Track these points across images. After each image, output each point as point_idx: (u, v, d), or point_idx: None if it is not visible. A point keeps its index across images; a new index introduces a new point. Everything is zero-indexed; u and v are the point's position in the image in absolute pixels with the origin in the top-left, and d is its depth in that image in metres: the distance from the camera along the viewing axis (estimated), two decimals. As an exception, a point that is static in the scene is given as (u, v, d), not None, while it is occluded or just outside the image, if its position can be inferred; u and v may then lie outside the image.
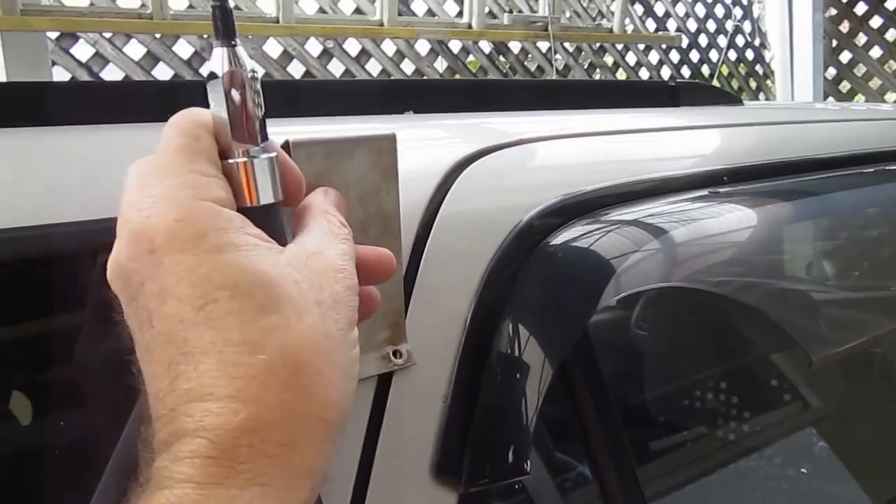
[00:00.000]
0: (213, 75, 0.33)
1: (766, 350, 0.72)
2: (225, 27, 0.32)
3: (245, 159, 0.33)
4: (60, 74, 2.45)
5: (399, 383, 0.47)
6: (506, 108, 0.73)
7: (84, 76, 2.54)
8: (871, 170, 0.75)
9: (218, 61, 0.32)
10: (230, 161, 0.33)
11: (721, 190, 0.65)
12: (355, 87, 0.38)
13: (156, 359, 0.29)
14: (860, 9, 4.42)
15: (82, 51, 2.56)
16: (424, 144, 0.61)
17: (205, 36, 2.56)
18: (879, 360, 0.96)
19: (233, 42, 0.32)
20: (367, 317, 0.37)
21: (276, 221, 0.34)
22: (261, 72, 0.34)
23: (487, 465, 0.47)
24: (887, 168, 0.76)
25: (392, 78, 2.60)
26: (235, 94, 0.32)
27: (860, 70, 4.46)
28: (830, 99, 4.51)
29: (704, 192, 0.65)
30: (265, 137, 0.34)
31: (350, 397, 0.32)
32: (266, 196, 0.33)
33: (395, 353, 0.45)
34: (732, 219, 0.63)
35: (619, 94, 0.84)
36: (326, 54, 3.08)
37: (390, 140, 0.44)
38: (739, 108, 0.89)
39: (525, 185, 0.59)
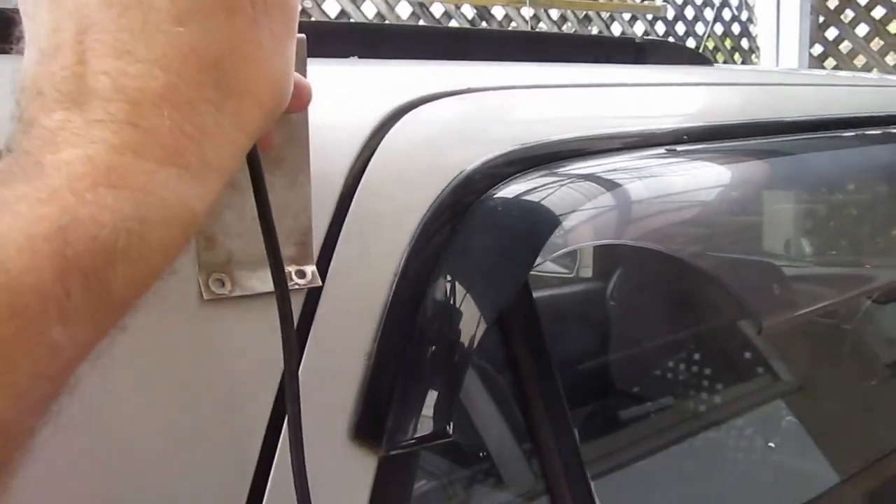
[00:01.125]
0: None
1: (717, 316, 0.70)
2: None
3: None
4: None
5: (319, 336, 0.44)
6: (462, 58, 0.70)
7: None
8: (834, 135, 0.72)
9: None
10: None
11: (678, 149, 0.62)
12: (301, 26, 0.35)
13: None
14: (848, -16, 4.39)
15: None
16: (362, 90, 0.57)
17: None
18: (850, 335, 0.94)
19: None
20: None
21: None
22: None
23: (410, 427, 0.44)
24: (848, 134, 0.73)
25: (338, 20, 2.52)
26: None
27: (846, 47, 4.44)
28: (815, 76, 4.49)
29: (660, 151, 0.62)
30: None
31: (269, 118, 0.31)
32: None
33: (298, 273, 0.42)
34: (687, 179, 0.60)
35: (583, 49, 0.81)
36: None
37: (300, 41, 0.41)
38: (707, 68, 0.86)
39: (468, 137, 0.56)
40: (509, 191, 0.53)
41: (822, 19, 4.44)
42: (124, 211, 0.25)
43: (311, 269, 0.43)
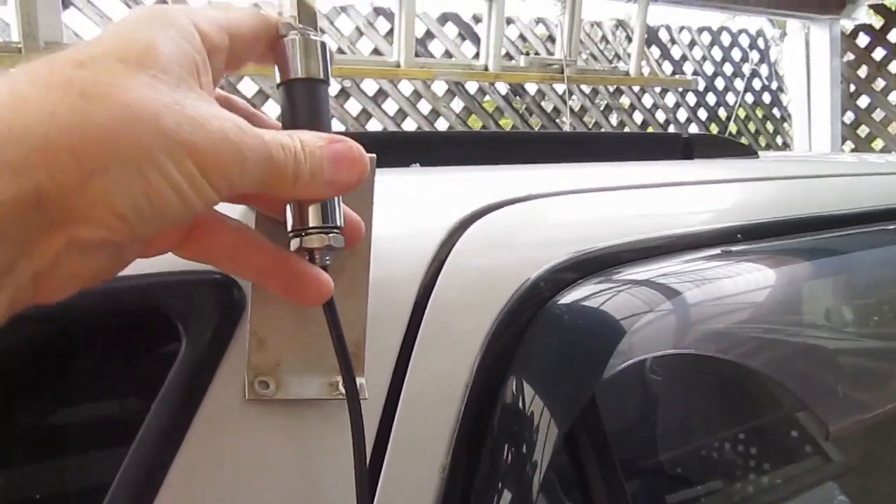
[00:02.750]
0: None
1: (782, 417, 0.69)
2: None
3: (297, 36, 0.37)
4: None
5: (394, 450, 0.45)
6: (515, 160, 0.72)
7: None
8: (894, 227, 0.73)
9: None
10: (286, 38, 0.37)
11: (734, 248, 0.63)
12: (361, 138, 0.37)
13: None
14: (878, 54, 4.42)
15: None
16: (430, 198, 0.60)
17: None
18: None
19: None
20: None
21: (317, 99, 0.38)
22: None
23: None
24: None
25: (395, 130, 2.61)
26: None
27: (879, 115, 4.45)
28: (849, 143, 4.49)
29: (717, 251, 0.63)
30: (317, 27, 0.38)
31: (125, 194, 0.28)
32: (306, 70, 0.37)
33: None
34: (747, 279, 0.61)
35: (631, 146, 0.83)
36: (344, 93, 3.11)
37: (370, 160, 0.43)
38: (755, 161, 0.88)
39: (533, 242, 0.58)
40: (574, 297, 0.55)
41: (853, 88, 4.47)
42: None
43: (360, 381, 0.44)
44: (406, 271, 0.50)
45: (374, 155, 0.42)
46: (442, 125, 3.33)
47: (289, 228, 0.38)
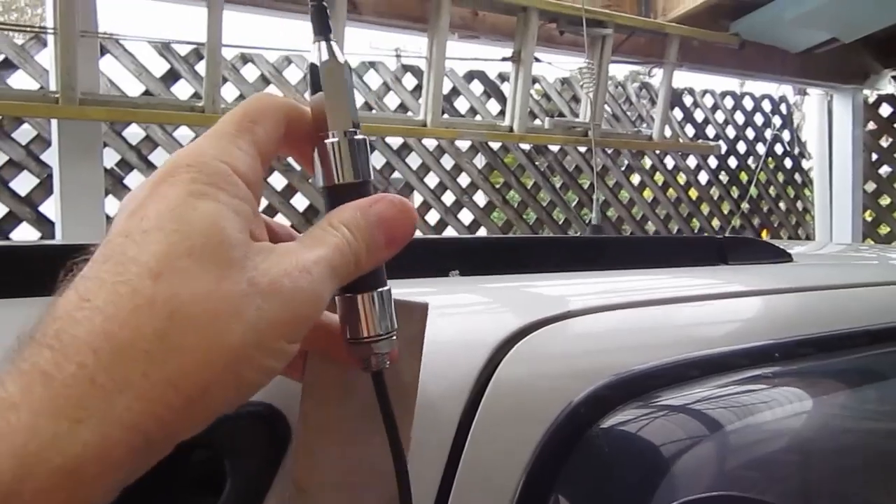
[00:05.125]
0: (313, 66, 0.37)
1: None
2: (321, 23, 0.37)
3: (338, 139, 0.36)
4: (110, 157, 2.52)
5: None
6: (552, 265, 0.72)
7: (134, 159, 2.62)
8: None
9: (316, 53, 0.37)
10: (326, 141, 0.36)
11: (777, 369, 0.63)
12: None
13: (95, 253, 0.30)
14: (901, 125, 4.43)
15: (132, 133, 2.64)
16: (471, 313, 0.60)
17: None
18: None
19: (329, 36, 0.37)
20: None
21: (360, 192, 0.37)
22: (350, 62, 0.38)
23: None
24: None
25: (433, 237, 2.64)
26: (331, 82, 0.37)
27: (901, 185, 4.44)
28: (869, 211, 4.47)
29: (761, 372, 0.63)
30: (357, 123, 0.37)
31: (221, 384, 0.29)
32: (350, 174, 0.36)
33: None
34: (796, 407, 0.61)
35: (666, 251, 0.83)
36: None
37: (422, 309, 0.43)
38: (790, 266, 0.87)
39: (574, 363, 0.58)
40: (615, 420, 0.55)
41: (875, 157, 4.47)
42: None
43: None
44: (450, 394, 0.50)
45: (426, 303, 0.42)
46: (465, 180, 3.36)
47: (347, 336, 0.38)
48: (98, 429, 0.26)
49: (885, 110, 4.44)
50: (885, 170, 4.47)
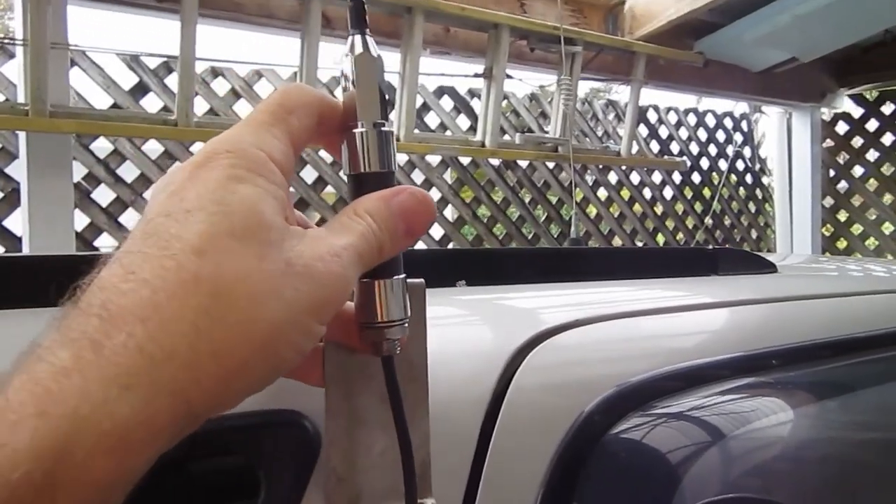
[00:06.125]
0: (348, 57, 0.38)
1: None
2: (358, 18, 0.38)
3: (365, 129, 0.37)
4: (78, 170, 2.48)
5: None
6: (552, 276, 0.74)
7: (102, 172, 2.57)
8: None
9: (351, 45, 0.38)
10: (354, 130, 0.37)
11: (779, 376, 0.65)
12: (407, 259, 0.38)
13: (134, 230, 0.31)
14: (857, 142, 4.57)
15: (100, 147, 2.60)
16: (483, 323, 0.61)
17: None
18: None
19: (365, 30, 0.38)
20: None
21: (384, 182, 0.38)
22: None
23: None
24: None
25: (438, 248, 2.65)
26: (364, 74, 0.38)
27: (857, 200, 4.56)
28: (828, 226, 4.58)
29: (758, 379, 0.64)
30: (386, 115, 0.38)
31: (261, 360, 0.30)
32: (376, 164, 0.37)
33: None
34: (806, 410, 0.63)
35: (660, 262, 0.85)
36: (337, 163, 3.14)
37: (420, 288, 0.44)
38: (777, 277, 0.90)
39: (585, 371, 0.59)
40: (626, 430, 0.56)
41: (832, 173, 4.60)
42: (49, 439, 0.25)
43: (430, 501, 0.45)
44: (470, 398, 0.51)
45: (422, 281, 0.43)
46: (435, 195, 3.37)
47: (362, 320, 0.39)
48: (145, 395, 0.27)
49: (841, 128, 4.58)
50: (842, 185, 4.60)
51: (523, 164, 3.65)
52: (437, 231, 3.39)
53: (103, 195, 2.59)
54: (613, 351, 0.62)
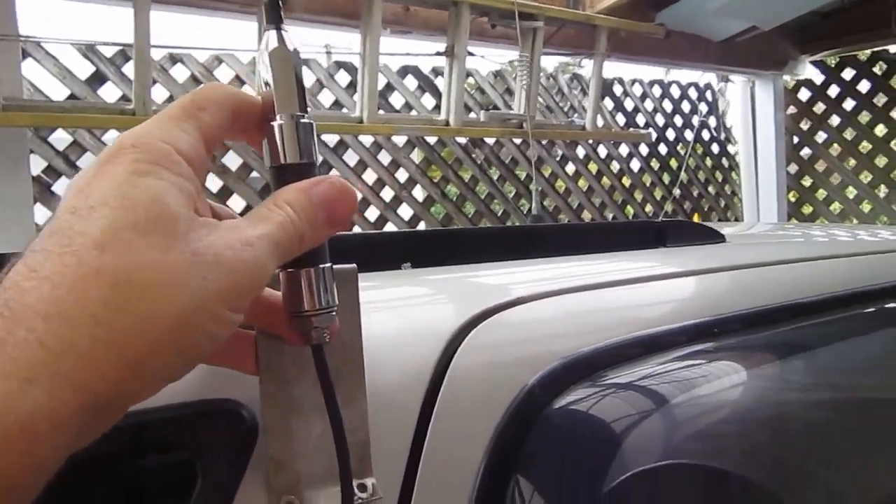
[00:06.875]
0: (264, 52, 0.39)
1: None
2: (273, 13, 0.39)
3: (283, 121, 0.38)
4: (37, 164, 2.44)
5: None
6: (498, 254, 0.74)
7: (61, 165, 2.54)
8: (873, 309, 0.76)
9: (266, 41, 0.39)
10: (273, 123, 0.38)
11: (716, 344, 0.66)
12: (350, 243, 0.39)
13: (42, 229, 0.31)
14: (819, 108, 4.62)
15: (59, 138, 2.56)
16: (424, 304, 0.62)
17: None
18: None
19: (280, 25, 0.39)
20: None
21: (306, 172, 0.38)
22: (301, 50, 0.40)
23: None
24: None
25: (381, 231, 2.63)
26: (279, 68, 0.38)
27: (821, 166, 4.62)
28: (794, 192, 4.64)
29: (701, 347, 0.66)
30: (305, 107, 0.39)
31: (166, 347, 0.30)
32: (294, 155, 0.38)
33: (360, 487, 0.44)
34: (735, 378, 0.64)
35: (607, 237, 0.86)
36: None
37: (351, 271, 0.44)
38: (725, 247, 0.92)
39: (527, 347, 0.60)
40: (568, 400, 0.57)
41: (796, 140, 4.65)
42: None
43: (371, 481, 0.46)
44: (410, 379, 0.51)
45: (354, 266, 0.44)
46: (403, 175, 3.36)
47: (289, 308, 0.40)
48: (47, 388, 0.27)
49: (803, 94, 4.62)
50: (805, 152, 4.66)
51: (490, 141, 3.65)
52: (406, 211, 3.39)
53: (64, 188, 2.56)
54: (556, 327, 0.62)
